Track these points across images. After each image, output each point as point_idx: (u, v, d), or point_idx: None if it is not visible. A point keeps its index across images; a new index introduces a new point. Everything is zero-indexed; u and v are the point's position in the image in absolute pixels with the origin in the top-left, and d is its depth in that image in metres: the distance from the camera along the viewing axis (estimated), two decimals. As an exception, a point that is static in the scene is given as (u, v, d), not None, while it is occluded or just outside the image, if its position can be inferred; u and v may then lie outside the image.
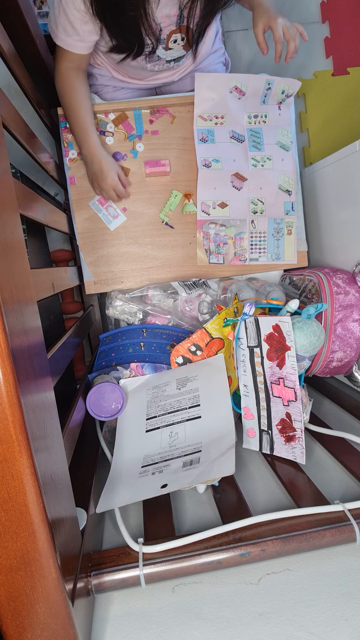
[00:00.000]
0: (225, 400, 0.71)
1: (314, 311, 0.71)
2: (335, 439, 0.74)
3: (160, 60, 0.90)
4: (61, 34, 0.81)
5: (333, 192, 0.98)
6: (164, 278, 1.05)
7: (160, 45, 0.84)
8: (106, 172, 0.94)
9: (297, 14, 1.35)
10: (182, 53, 0.89)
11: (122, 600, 0.54)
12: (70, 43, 0.82)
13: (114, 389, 0.75)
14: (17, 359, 0.37)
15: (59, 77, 0.88)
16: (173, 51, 0.88)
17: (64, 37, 0.81)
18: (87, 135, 0.92)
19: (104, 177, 0.94)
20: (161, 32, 0.81)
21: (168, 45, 0.85)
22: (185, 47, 0.88)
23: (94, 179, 0.96)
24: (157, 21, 0.78)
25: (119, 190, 0.96)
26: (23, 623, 0.40)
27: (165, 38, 0.83)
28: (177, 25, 0.81)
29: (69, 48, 0.83)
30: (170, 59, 0.90)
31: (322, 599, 0.52)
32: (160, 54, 0.87)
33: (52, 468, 0.43)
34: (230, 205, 1.03)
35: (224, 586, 0.54)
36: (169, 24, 0.80)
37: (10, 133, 0.62)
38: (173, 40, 0.84)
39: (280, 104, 1.02)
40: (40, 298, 0.60)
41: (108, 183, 0.95)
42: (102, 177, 0.94)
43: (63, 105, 0.92)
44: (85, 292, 1.06)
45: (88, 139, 0.92)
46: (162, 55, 0.88)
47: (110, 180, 0.94)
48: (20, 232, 0.45)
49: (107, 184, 0.95)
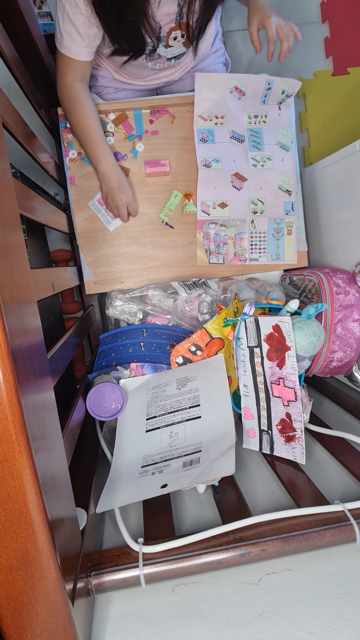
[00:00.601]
0: (225, 400, 0.71)
1: (314, 311, 0.71)
2: (335, 439, 0.74)
3: (161, 58, 0.90)
4: (67, 41, 0.81)
5: (333, 192, 0.98)
6: (164, 278, 1.05)
7: (161, 43, 0.85)
8: (123, 188, 0.96)
9: (297, 14, 1.36)
10: (182, 50, 0.89)
11: (122, 600, 0.54)
12: (76, 50, 0.82)
13: (114, 389, 0.75)
14: (17, 359, 0.37)
15: (65, 92, 0.88)
16: (173, 48, 0.88)
17: (70, 45, 0.81)
18: (103, 154, 0.93)
19: (120, 193, 0.96)
20: (161, 30, 0.81)
21: (168, 42, 0.85)
22: (186, 44, 0.88)
23: (109, 195, 0.97)
24: (157, 20, 0.78)
25: (131, 208, 0.98)
26: (23, 623, 0.40)
27: (165, 36, 0.83)
28: (176, 23, 0.81)
29: (75, 56, 0.83)
30: (171, 56, 0.90)
31: (322, 599, 0.52)
32: (160, 52, 0.87)
33: (52, 468, 0.43)
34: (230, 205, 1.03)
35: (224, 586, 0.54)
36: (168, 21, 0.80)
37: (10, 133, 0.62)
38: (173, 37, 0.84)
39: (280, 104, 1.02)
40: (40, 298, 0.60)
41: (123, 200, 0.96)
42: (118, 194, 0.96)
43: (72, 123, 0.92)
44: (85, 292, 1.06)
45: (104, 158, 0.93)
46: (162, 54, 0.88)
47: (125, 197, 0.96)
48: (20, 232, 0.45)
49: (122, 200, 0.96)
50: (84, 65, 0.86)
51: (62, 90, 0.88)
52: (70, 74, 0.86)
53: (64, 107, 0.91)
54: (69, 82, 0.87)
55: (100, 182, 0.98)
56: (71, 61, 0.84)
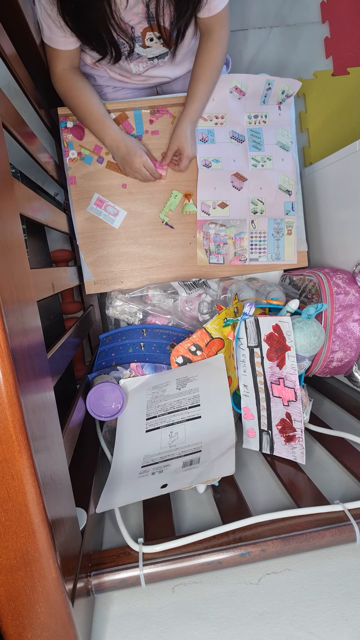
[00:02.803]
0: (225, 400, 0.71)
1: (314, 311, 0.71)
2: (335, 439, 0.74)
3: (141, 57, 0.90)
4: (47, 32, 0.81)
5: (333, 192, 0.98)
6: (164, 278, 1.05)
7: (137, 43, 0.84)
8: (133, 151, 0.93)
9: (297, 14, 1.36)
10: (163, 50, 0.89)
11: (122, 600, 0.54)
12: (57, 40, 0.82)
13: (114, 389, 0.75)
14: (17, 359, 0.37)
15: (56, 81, 0.89)
16: (152, 49, 0.87)
17: (49, 36, 0.82)
18: (105, 126, 0.92)
19: (132, 157, 0.94)
20: (134, 30, 0.81)
21: (145, 43, 0.85)
22: (165, 45, 0.88)
23: (124, 164, 0.96)
24: (126, 20, 0.78)
25: (149, 166, 0.96)
26: (23, 623, 0.40)
27: (140, 36, 0.83)
28: (149, 23, 0.81)
29: (56, 45, 0.83)
30: (151, 56, 0.90)
31: (322, 599, 0.52)
32: (139, 51, 0.87)
33: (52, 468, 0.43)
34: (230, 205, 1.03)
35: (224, 586, 0.54)
36: (138, 21, 0.80)
37: (10, 133, 0.62)
38: (149, 38, 0.84)
39: (280, 104, 1.02)
40: (40, 298, 0.60)
41: (138, 162, 0.94)
42: (131, 159, 0.94)
43: (70, 107, 0.93)
44: (85, 292, 1.06)
45: (107, 130, 0.92)
46: (142, 53, 0.88)
47: (138, 158, 0.94)
48: (20, 232, 0.45)
49: (137, 162, 0.94)
50: (70, 53, 0.86)
51: (54, 79, 0.89)
52: (58, 64, 0.86)
53: (60, 95, 0.91)
54: (58, 71, 0.87)
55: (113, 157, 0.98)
56: (56, 51, 0.84)
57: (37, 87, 0.88)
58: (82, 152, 1.01)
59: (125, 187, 1.02)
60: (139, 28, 0.82)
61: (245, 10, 1.35)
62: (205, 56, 0.90)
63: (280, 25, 1.36)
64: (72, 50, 0.85)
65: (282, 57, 1.36)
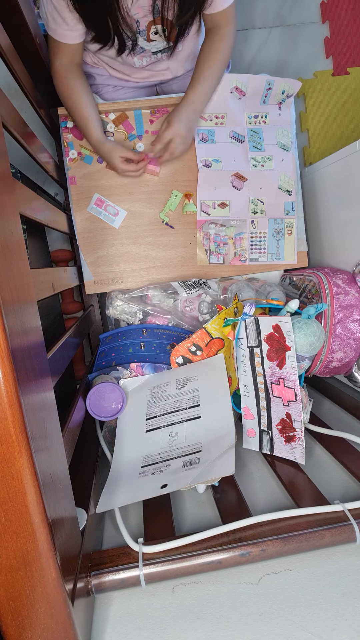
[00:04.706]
0: (225, 400, 0.71)
1: (314, 311, 0.71)
2: (335, 439, 0.74)
3: (145, 51, 0.90)
4: (51, 23, 0.81)
5: (333, 192, 0.98)
6: (164, 278, 1.05)
7: (141, 36, 0.85)
8: (112, 149, 0.95)
9: (297, 14, 1.36)
10: (167, 45, 0.89)
11: (122, 600, 0.54)
12: (61, 33, 0.82)
13: (114, 389, 0.75)
14: (17, 359, 0.37)
15: (55, 75, 0.89)
16: (156, 42, 0.87)
17: (54, 27, 0.81)
18: (87, 130, 0.93)
19: (111, 154, 0.95)
20: (138, 23, 0.82)
21: (149, 36, 0.85)
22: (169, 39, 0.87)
23: (107, 161, 0.98)
24: (131, 13, 0.79)
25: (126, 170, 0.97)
26: (23, 623, 0.40)
27: (145, 29, 0.83)
28: (154, 16, 0.81)
29: (60, 38, 0.83)
30: (155, 50, 0.90)
31: (322, 599, 0.52)
32: (143, 45, 0.87)
33: (52, 468, 0.43)
34: (230, 206, 1.03)
35: (224, 586, 0.54)
36: (144, 14, 0.80)
37: (10, 133, 0.62)
38: (153, 31, 0.84)
39: (280, 104, 1.02)
40: (40, 298, 0.60)
41: (117, 158, 0.95)
42: (110, 156, 0.96)
43: (63, 103, 0.93)
44: (85, 292, 1.06)
45: (89, 133, 0.93)
46: (145, 47, 0.88)
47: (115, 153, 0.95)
48: (20, 232, 0.45)
49: (115, 159, 0.95)
50: (71, 48, 0.85)
51: (52, 72, 0.89)
52: (58, 57, 0.86)
53: (56, 89, 0.91)
54: (57, 64, 0.87)
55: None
56: (58, 44, 0.84)
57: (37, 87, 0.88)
58: (83, 152, 1.01)
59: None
60: (143, 22, 0.82)
61: (246, 10, 1.35)
62: (210, 46, 0.90)
63: (281, 25, 1.36)
64: (74, 45, 0.85)
65: (282, 57, 1.36)
